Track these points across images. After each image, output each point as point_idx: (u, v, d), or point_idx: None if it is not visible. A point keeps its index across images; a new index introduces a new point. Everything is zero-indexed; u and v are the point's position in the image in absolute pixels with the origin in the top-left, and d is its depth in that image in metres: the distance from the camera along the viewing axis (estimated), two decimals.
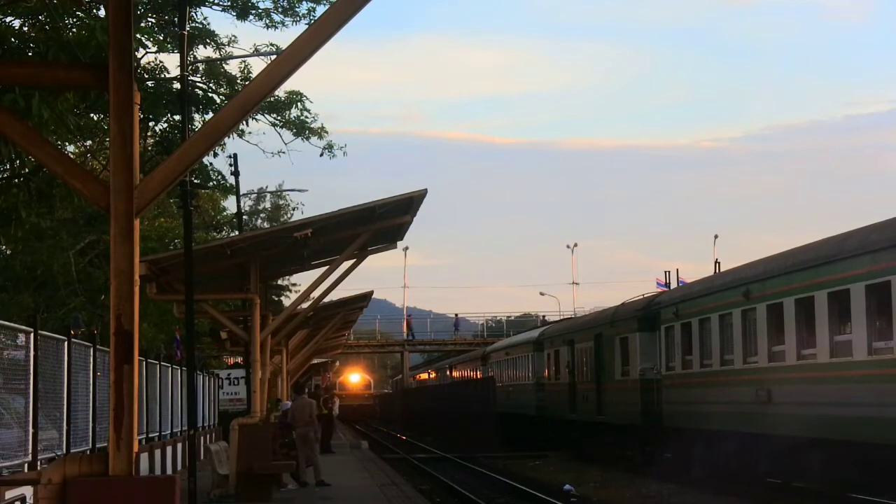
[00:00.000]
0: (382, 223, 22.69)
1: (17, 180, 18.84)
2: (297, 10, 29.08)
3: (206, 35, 29.31)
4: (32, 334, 15.21)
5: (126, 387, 7.30)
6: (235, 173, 35.88)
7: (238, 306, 35.01)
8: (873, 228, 20.09)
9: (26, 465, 14.73)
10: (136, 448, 7.30)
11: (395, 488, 24.65)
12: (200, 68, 29.29)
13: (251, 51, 30.03)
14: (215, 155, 30.66)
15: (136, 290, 7.41)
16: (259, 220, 67.28)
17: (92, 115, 21.78)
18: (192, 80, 25.94)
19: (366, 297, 39.34)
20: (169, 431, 28.38)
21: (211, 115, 27.06)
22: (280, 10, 29.05)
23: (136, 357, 7.36)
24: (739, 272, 26.10)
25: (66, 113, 16.01)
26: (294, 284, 64.64)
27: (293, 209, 61.65)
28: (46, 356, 16.03)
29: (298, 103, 30.87)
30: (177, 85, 26.59)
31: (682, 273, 62.21)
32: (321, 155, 32.15)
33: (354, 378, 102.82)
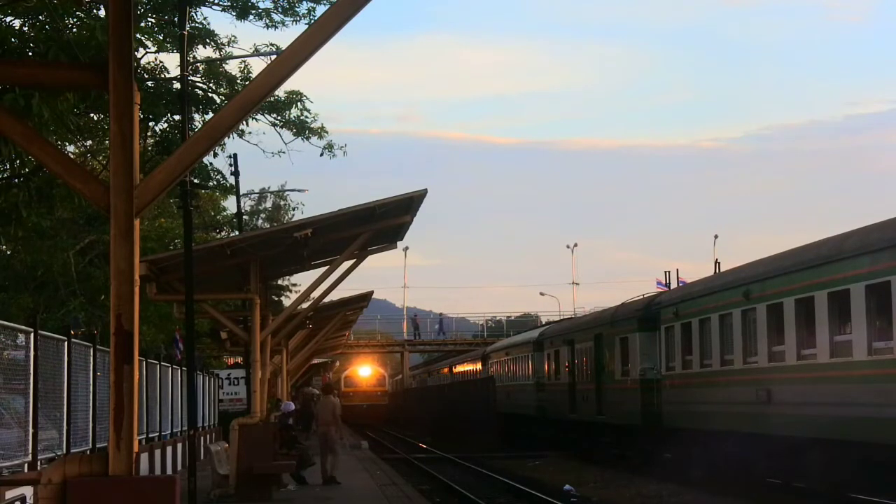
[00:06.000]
0: (382, 223, 22.70)
1: (17, 180, 18.84)
2: (297, 9, 29.03)
3: (206, 35, 29.27)
4: (32, 334, 15.22)
5: (126, 387, 7.29)
6: (235, 173, 35.91)
7: (238, 306, 35.02)
8: (873, 228, 20.09)
9: (26, 465, 14.74)
10: (136, 448, 7.30)
11: (395, 488, 24.66)
12: (200, 68, 29.26)
13: (251, 51, 30.01)
14: (215, 155, 30.65)
15: (136, 290, 7.41)
16: (259, 220, 67.24)
17: (92, 115, 21.76)
18: (192, 80, 25.92)
19: (366, 297, 39.38)
20: (169, 431, 28.39)
21: (211, 115, 27.05)
22: (280, 9, 29.01)
23: (136, 357, 7.36)
24: (739, 272, 26.10)
25: (66, 113, 16.01)
26: (294, 284, 64.65)
27: (293, 209, 61.64)
28: (46, 356, 16.03)
29: (298, 103, 30.84)
30: (177, 85, 26.58)
31: (682, 273, 62.16)
32: (321, 155, 32.12)
33: (364, 371, 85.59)
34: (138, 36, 23.06)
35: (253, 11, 28.84)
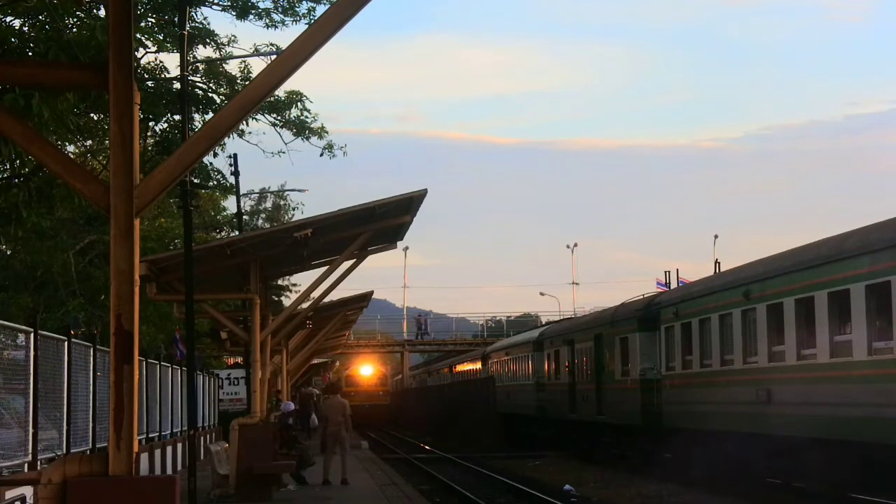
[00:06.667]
0: (382, 223, 22.70)
1: (17, 180, 18.84)
2: (297, 9, 29.06)
3: (206, 35, 29.29)
4: (32, 334, 15.23)
5: (126, 387, 7.29)
6: (235, 173, 35.94)
7: (238, 306, 35.03)
8: (873, 228, 20.09)
9: (26, 465, 14.74)
10: (136, 448, 7.30)
11: (395, 488, 24.67)
12: (200, 68, 29.28)
13: (251, 51, 30.03)
14: (215, 155, 30.68)
15: (136, 290, 7.41)
16: (259, 220, 67.28)
17: (92, 115, 21.77)
18: (192, 80, 25.93)
19: (366, 297, 39.39)
20: (169, 431, 28.39)
21: (211, 115, 27.06)
22: (280, 9, 29.03)
23: (136, 357, 7.36)
24: (739, 272, 26.10)
25: (66, 113, 16.01)
26: (294, 284, 64.66)
27: (293, 209, 61.66)
28: (46, 356, 16.04)
29: (298, 103, 30.86)
30: (177, 85, 26.59)
31: (682, 273, 62.14)
32: (321, 155, 32.14)
33: (366, 370, 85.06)
34: (138, 36, 23.06)
35: (253, 11, 28.86)
